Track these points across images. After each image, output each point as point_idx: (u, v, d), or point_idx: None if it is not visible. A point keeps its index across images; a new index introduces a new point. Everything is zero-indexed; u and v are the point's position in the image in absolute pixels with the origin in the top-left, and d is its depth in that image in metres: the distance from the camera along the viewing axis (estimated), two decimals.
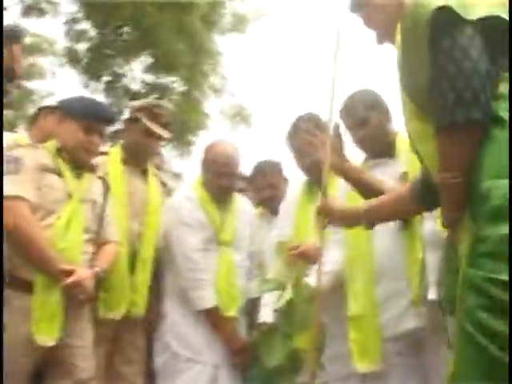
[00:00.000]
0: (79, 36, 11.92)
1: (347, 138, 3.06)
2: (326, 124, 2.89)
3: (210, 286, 3.49)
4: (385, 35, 2.13)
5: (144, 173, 3.67)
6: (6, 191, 2.84)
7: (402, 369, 2.90)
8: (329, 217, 2.60)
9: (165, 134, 3.63)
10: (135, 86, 11.85)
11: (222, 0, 12.00)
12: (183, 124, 11.01)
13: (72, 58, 11.85)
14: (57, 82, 15.42)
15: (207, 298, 3.47)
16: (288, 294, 2.77)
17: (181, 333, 3.51)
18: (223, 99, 13.13)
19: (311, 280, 2.91)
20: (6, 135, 3.27)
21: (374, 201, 2.47)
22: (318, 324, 2.66)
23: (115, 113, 3.47)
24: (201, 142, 11.78)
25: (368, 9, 2.14)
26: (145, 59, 11.87)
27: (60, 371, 2.94)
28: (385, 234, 2.89)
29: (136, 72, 11.91)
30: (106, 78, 11.65)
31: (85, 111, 3.15)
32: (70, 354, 2.95)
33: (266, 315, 3.43)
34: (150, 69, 11.79)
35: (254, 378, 3.40)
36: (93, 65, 11.56)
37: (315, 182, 3.43)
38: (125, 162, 3.59)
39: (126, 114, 3.76)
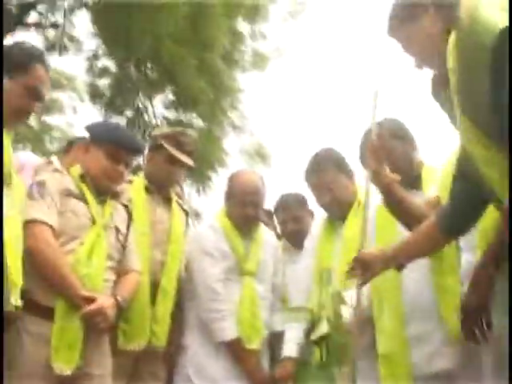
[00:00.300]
0: (101, 72, 12.05)
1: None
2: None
3: (231, 317, 3.44)
4: (425, 59, 2.08)
5: (167, 201, 3.63)
6: (30, 215, 2.81)
7: None
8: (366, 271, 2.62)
9: (189, 161, 3.60)
10: (156, 122, 11.93)
11: (242, 38, 12.11)
12: (203, 160, 11.03)
13: (94, 93, 11.96)
14: (77, 118, 15.56)
15: (229, 330, 3.42)
16: (325, 326, 2.70)
17: (202, 365, 3.45)
18: (243, 137, 13.20)
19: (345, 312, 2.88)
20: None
21: (400, 242, 2.48)
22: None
23: (142, 143, 3.42)
24: (220, 178, 11.81)
25: (409, 32, 2.09)
26: (166, 95, 11.96)
27: None
28: (413, 269, 2.81)
29: (157, 108, 12.00)
30: (127, 113, 11.74)
31: (110, 138, 3.13)
32: (88, 383, 2.88)
33: (290, 350, 3.39)
34: (170, 105, 11.88)
35: None
36: (114, 100, 11.66)
37: (335, 218, 3.47)
38: (148, 190, 3.57)
39: (150, 143, 3.73)
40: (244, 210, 3.58)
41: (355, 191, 3.48)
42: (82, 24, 12.14)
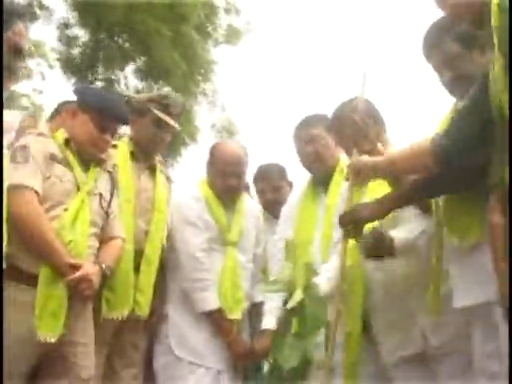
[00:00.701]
0: (72, 41, 11.84)
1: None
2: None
3: (213, 287, 3.42)
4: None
5: (151, 168, 3.59)
6: (14, 180, 2.74)
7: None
8: (362, 173, 2.68)
9: (175, 124, 3.56)
10: (128, 93, 11.77)
11: (217, 11, 12.01)
12: (173, 135, 10.93)
13: (65, 61, 11.74)
14: (46, 85, 15.27)
15: (211, 300, 3.41)
16: (298, 295, 2.70)
17: (183, 336, 3.44)
18: (214, 112, 13.14)
19: (319, 280, 2.88)
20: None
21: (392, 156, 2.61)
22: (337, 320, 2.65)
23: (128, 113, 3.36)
24: (190, 153, 11.76)
25: None
26: (138, 66, 11.80)
27: (60, 368, 2.85)
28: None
29: (129, 79, 11.86)
30: (98, 83, 11.56)
31: (99, 105, 3.07)
32: (71, 351, 2.85)
33: (269, 322, 3.39)
34: (143, 76, 11.73)
35: (264, 380, 3.35)
36: (85, 69, 11.48)
37: (319, 181, 3.45)
38: (133, 156, 3.52)
39: (135, 108, 3.67)
40: (226, 180, 3.55)
41: (338, 157, 3.46)
42: None
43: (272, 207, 3.94)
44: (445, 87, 2.73)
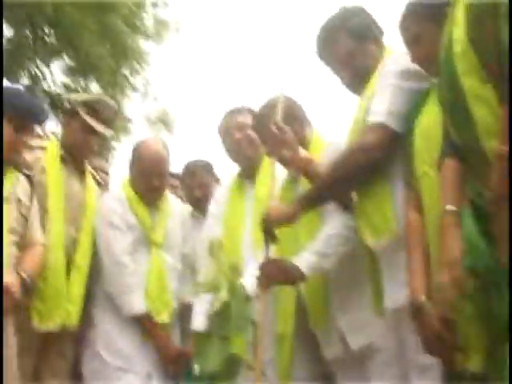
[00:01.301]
0: None
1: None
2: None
3: (140, 291, 3.38)
4: None
5: (81, 173, 3.52)
6: None
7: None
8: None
9: (106, 131, 3.49)
10: (56, 89, 11.52)
11: (144, 3, 11.84)
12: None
13: None
14: None
15: (137, 303, 3.36)
16: (223, 296, 2.68)
17: (111, 341, 3.38)
18: (147, 104, 12.98)
19: (245, 281, 2.86)
20: None
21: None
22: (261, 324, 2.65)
23: (47, 111, 3.26)
24: (123, 147, 11.59)
25: None
26: (65, 62, 11.56)
27: None
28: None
29: (56, 75, 11.58)
30: (24, 80, 11.27)
31: (17, 108, 2.99)
32: None
33: (199, 323, 3.35)
34: (71, 72, 11.48)
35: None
36: (10, 66, 11.16)
37: (246, 173, 3.39)
38: (62, 159, 3.44)
39: (66, 108, 3.58)
40: (149, 180, 3.49)
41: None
42: None
43: (200, 204, 3.88)
44: (346, 87, 2.78)
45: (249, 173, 3.35)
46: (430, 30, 2.31)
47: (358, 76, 2.68)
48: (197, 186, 3.93)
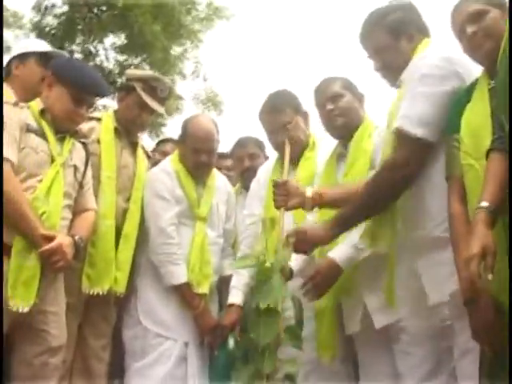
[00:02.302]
0: (49, 11, 11.66)
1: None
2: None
3: (182, 262, 3.46)
4: None
5: (133, 145, 3.62)
6: None
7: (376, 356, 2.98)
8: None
9: (159, 108, 3.59)
10: (109, 66, 11.69)
11: None
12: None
13: (41, 32, 11.58)
14: None
15: (179, 274, 3.45)
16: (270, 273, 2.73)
17: (151, 309, 3.49)
18: (197, 84, 13.08)
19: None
20: None
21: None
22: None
23: (107, 86, 3.37)
24: (174, 123, 11.70)
25: None
26: (119, 39, 11.70)
27: (31, 337, 2.88)
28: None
29: (109, 52, 11.74)
30: (78, 56, 11.43)
31: (79, 81, 3.09)
32: (42, 320, 2.89)
33: (235, 296, 3.46)
34: (124, 49, 11.62)
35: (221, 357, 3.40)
36: (63, 41, 11.33)
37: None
38: (116, 132, 3.54)
39: (124, 83, 3.69)
40: (197, 156, 3.57)
41: (309, 134, 3.52)
42: None
43: (248, 175, 3.94)
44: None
45: (293, 156, 3.35)
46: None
47: (389, 70, 2.75)
48: (246, 156, 4.03)
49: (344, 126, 3.16)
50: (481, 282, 1.89)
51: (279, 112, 3.44)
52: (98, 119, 3.54)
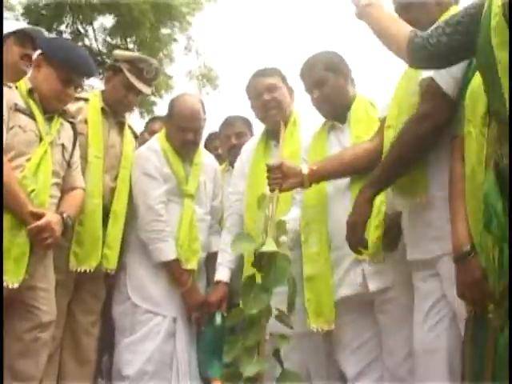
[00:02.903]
0: None
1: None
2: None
3: (171, 239, 3.52)
4: None
5: (120, 124, 3.67)
6: None
7: (355, 325, 3.01)
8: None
9: (146, 89, 3.63)
10: (98, 46, 11.64)
11: None
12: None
13: (28, 14, 11.51)
14: None
15: (168, 250, 3.50)
16: (269, 246, 2.77)
17: (141, 285, 3.54)
18: (190, 60, 13.03)
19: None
20: None
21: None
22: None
23: (95, 66, 3.38)
24: (164, 102, 11.67)
25: None
26: (108, 19, 11.65)
27: (22, 312, 2.94)
28: (339, 197, 3.03)
29: (98, 33, 11.70)
30: (67, 36, 11.39)
31: (67, 60, 3.12)
32: (32, 295, 2.95)
33: (222, 274, 3.51)
34: (113, 28, 11.57)
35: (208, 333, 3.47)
36: (51, 22, 11.27)
37: (271, 133, 3.48)
38: (103, 112, 3.58)
39: (110, 63, 3.72)
40: (183, 135, 3.61)
41: (292, 109, 3.56)
42: None
43: (235, 153, 3.95)
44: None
45: (274, 133, 3.41)
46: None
47: (416, 27, 2.74)
48: (233, 135, 4.10)
49: (332, 110, 3.19)
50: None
51: (267, 75, 3.51)
52: (86, 99, 3.57)
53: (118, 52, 3.96)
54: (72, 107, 3.40)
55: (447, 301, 2.43)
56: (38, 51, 3.28)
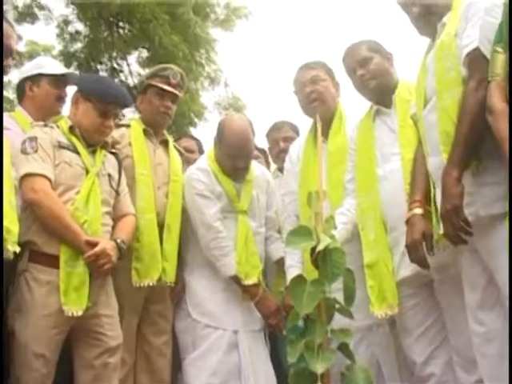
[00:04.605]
0: (73, 37, 11.97)
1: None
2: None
3: (232, 253, 3.55)
4: None
5: (164, 143, 3.76)
6: (27, 169, 2.95)
7: (417, 309, 3.02)
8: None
9: (176, 91, 3.70)
10: (133, 81, 11.89)
11: None
12: (180, 114, 11.09)
13: (66, 57, 11.87)
14: None
15: (230, 266, 3.54)
16: (326, 240, 2.80)
17: (200, 301, 3.60)
18: (218, 90, 13.23)
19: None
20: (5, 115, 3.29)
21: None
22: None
23: (129, 96, 3.49)
24: (198, 131, 11.87)
25: None
26: (141, 53, 11.91)
27: (89, 340, 3.04)
28: (388, 178, 3.06)
29: (133, 66, 11.98)
30: (103, 74, 11.67)
31: (102, 94, 3.21)
32: (97, 323, 3.04)
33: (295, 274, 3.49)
34: (146, 62, 11.82)
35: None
36: (88, 62, 11.60)
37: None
38: (146, 133, 3.67)
39: (139, 89, 3.84)
40: (234, 162, 3.62)
41: (337, 101, 3.60)
42: None
43: (283, 158, 4.01)
44: (414, 24, 2.87)
45: (321, 128, 3.42)
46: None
47: (430, 15, 2.78)
48: (281, 139, 4.21)
49: (378, 88, 3.19)
50: None
51: (312, 68, 3.55)
52: (127, 126, 3.66)
53: (142, 75, 4.07)
54: (115, 134, 3.49)
55: (494, 286, 2.43)
56: (74, 88, 3.39)
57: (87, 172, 3.12)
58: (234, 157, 3.61)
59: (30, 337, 2.82)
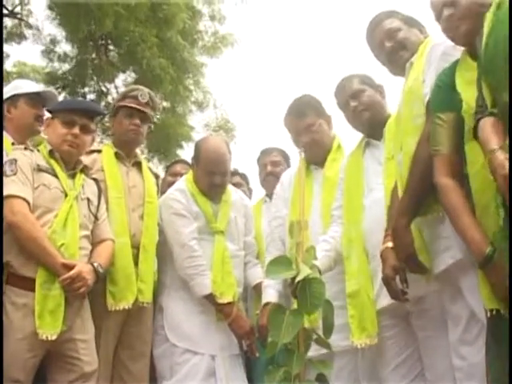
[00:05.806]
0: (60, 58, 12.01)
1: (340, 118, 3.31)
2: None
3: (208, 273, 3.55)
4: None
5: (138, 165, 3.77)
6: (5, 191, 2.96)
7: (395, 340, 3.01)
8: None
9: (146, 109, 3.70)
10: None
11: (201, 17, 12.14)
12: (168, 137, 11.13)
13: (53, 78, 11.89)
14: None
15: (208, 285, 3.53)
16: (306, 271, 2.78)
17: (177, 324, 3.58)
18: (207, 112, 13.30)
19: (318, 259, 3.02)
20: None
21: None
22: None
23: (95, 105, 3.50)
24: (186, 153, 11.92)
25: None
26: (128, 76, 11.96)
27: (64, 365, 3.02)
28: (373, 211, 3.06)
29: (120, 89, 11.98)
30: (90, 96, 11.71)
31: (65, 105, 3.33)
32: (72, 347, 3.02)
33: (270, 295, 3.49)
34: (134, 84, 11.84)
35: (263, 359, 3.44)
36: (75, 85, 11.62)
37: (312, 161, 3.57)
38: (118, 156, 3.68)
39: (110, 113, 3.89)
40: (211, 179, 3.68)
41: (333, 136, 3.65)
42: (39, 10, 12.07)
43: (270, 181, 4.13)
44: (386, 62, 2.97)
45: (316, 158, 3.55)
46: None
47: (399, 49, 2.87)
48: (269, 163, 4.26)
49: (371, 120, 3.22)
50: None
51: (303, 115, 3.56)
52: (99, 151, 3.67)
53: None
54: (86, 160, 3.49)
55: (475, 322, 2.44)
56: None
57: (66, 195, 3.13)
58: (211, 173, 3.67)
59: (6, 361, 2.79)
